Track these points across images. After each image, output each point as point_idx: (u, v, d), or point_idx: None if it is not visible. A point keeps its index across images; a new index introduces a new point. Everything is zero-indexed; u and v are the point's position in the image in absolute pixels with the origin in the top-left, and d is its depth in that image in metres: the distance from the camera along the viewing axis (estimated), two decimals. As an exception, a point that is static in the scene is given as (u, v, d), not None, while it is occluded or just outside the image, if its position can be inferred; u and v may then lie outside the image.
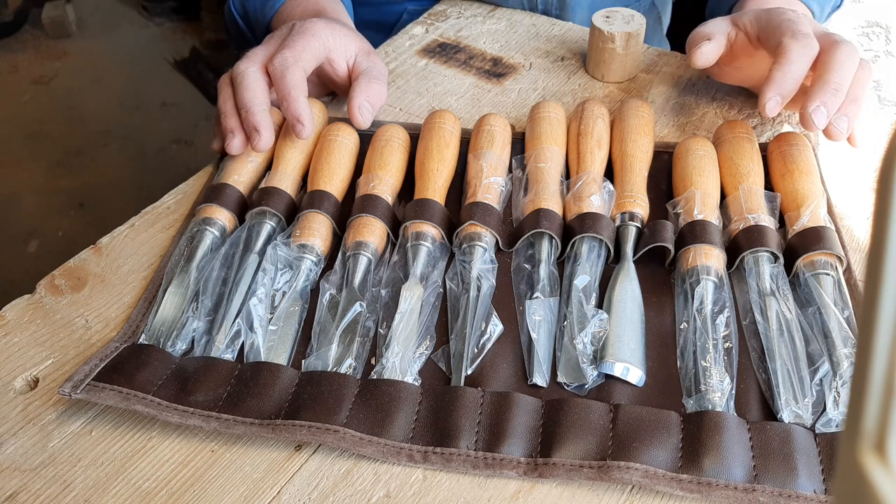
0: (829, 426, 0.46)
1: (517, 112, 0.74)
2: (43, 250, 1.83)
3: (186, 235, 0.59)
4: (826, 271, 0.53)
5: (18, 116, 2.25)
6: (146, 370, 0.48)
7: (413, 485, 0.45)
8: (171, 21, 2.67)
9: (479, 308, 0.53)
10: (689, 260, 0.54)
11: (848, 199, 0.63)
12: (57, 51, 2.54)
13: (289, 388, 0.48)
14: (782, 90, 0.59)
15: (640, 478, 0.43)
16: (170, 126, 2.20)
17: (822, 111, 0.58)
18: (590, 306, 0.52)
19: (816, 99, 0.58)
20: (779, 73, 0.59)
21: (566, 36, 0.86)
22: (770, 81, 0.59)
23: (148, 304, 0.55)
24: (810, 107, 0.58)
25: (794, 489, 0.43)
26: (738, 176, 0.60)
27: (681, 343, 0.51)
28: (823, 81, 0.59)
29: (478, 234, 0.57)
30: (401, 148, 0.64)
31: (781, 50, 0.60)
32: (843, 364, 0.48)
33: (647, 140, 0.64)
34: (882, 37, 0.89)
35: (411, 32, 0.87)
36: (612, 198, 0.59)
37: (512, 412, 0.46)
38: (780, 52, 0.60)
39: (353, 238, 0.56)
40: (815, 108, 0.58)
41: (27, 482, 0.45)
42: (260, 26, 0.83)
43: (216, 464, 0.46)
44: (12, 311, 0.55)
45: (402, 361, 0.50)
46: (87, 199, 1.96)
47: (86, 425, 0.48)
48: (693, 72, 0.79)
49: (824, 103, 0.58)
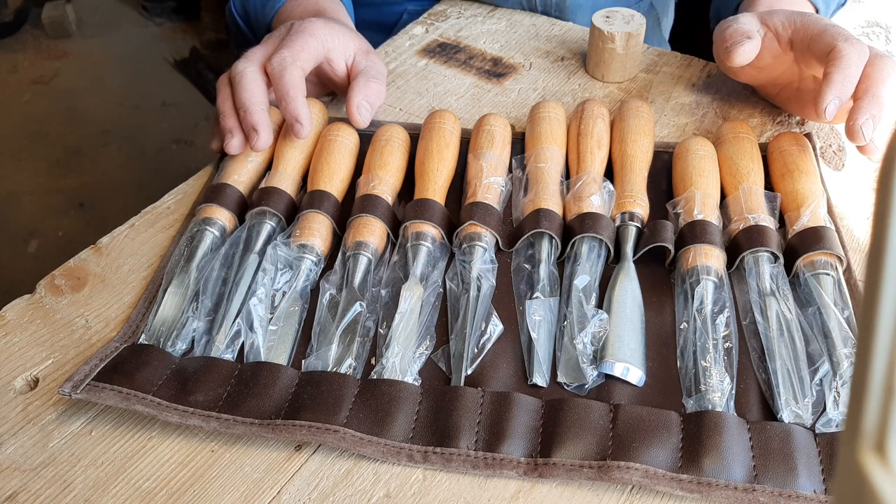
0: (829, 426, 0.46)
1: (517, 112, 0.74)
2: (43, 250, 1.83)
3: (186, 235, 0.59)
4: (826, 271, 0.53)
5: (18, 116, 2.26)
6: (146, 370, 0.48)
7: (413, 485, 0.45)
8: (171, 21, 2.67)
9: (479, 308, 0.53)
10: (689, 260, 0.54)
11: (848, 199, 0.63)
12: (57, 51, 2.54)
13: (289, 388, 0.48)
14: (841, 93, 0.58)
15: (640, 478, 0.43)
16: (170, 126, 2.20)
17: (871, 123, 0.57)
18: (590, 306, 0.52)
19: (866, 112, 0.57)
20: (839, 76, 0.58)
21: (566, 36, 0.86)
22: (829, 84, 0.58)
23: (148, 304, 0.55)
24: (860, 119, 0.57)
25: (794, 489, 0.43)
26: (738, 176, 0.60)
27: (681, 343, 0.51)
28: (873, 94, 0.58)
29: (478, 234, 0.57)
30: (401, 148, 0.64)
31: (837, 54, 0.59)
32: (843, 364, 0.48)
33: (647, 140, 0.64)
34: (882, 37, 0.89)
35: (411, 32, 0.87)
36: (612, 198, 0.59)
37: (512, 412, 0.46)
38: (836, 55, 0.59)
39: (353, 238, 0.56)
40: (865, 121, 0.57)
41: (27, 482, 0.45)
42: (261, 27, 0.83)
43: (216, 464, 0.46)
44: (12, 311, 0.55)
45: (402, 361, 0.50)
46: (87, 199, 1.96)
47: (86, 425, 0.48)
48: (693, 71, 0.79)
49: (873, 116, 0.57)
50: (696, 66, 0.80)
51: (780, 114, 0.72)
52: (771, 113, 0.72)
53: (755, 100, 0.74)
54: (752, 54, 0.64)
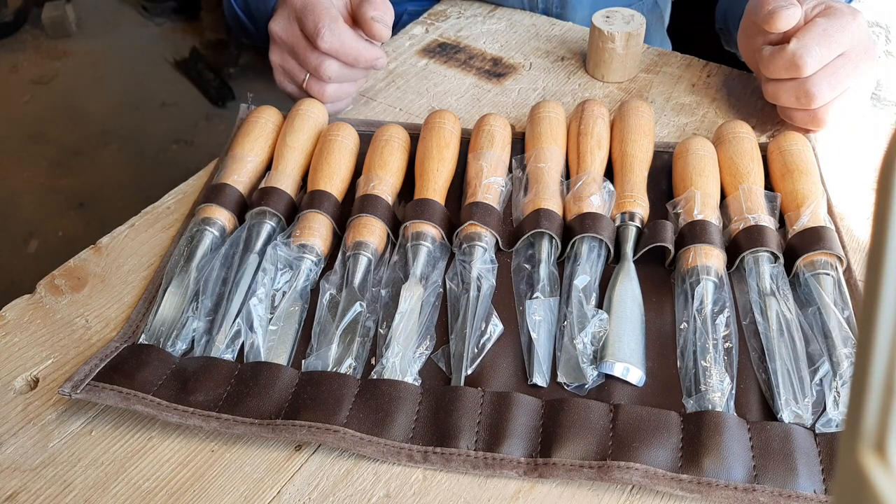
0: (829, 426, 0.46)
1: (517, 112, 0.74)
2: (43, 250, 1.83)
3: (186, 235, 0.59)
4: (826, 271, 0.53)
5: (18, 116, 2.25)
6: (146, 370, 0.48)
7: (413, 485, 0.45)
8: (171, 21, 2.67)
9: (479, 308, 0.53)
10: (689, 260, 0.54)
11: (848, 199, 0.63)
12: (57, 51, 2.54)
13: (289, 388, 0.48)
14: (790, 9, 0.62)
15: (640, 478, 0.43)
16: (170, 126, 2.20)
17: (795, 13, 0.62)
18: (590, 306, 0.52)
19: (805, 32, 0.62)
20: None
21: (566, 36, 0.86)
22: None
23: (148, 304, 0.55)
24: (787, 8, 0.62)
25: (794, 489, 0.43)
26: (738, 176, 0.60)
27: (681, 343, 0.51)
28: (821, 25, 0.62)
29: (478, 234, 0.57)
30: (401, 148, 0.64)
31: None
32: (843, 364, 0.48)
33: (647, 140, 0.64)
34: (882, 37, 0.89)
35: (411, 32, 0.87)
36: (612, 198, 0.59)
37: (512, 412, 0.46)
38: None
39: (353, 238, 0.56)
40: (788, 11, 0.62)
41: (27, 482, 0.45)
42: (262, 18, 0.83)
43: (216, 464, 0.46)
44: (12, 311, 0.55)
45: (402, 361, 0.50)
46: (87, 199, 1.96)
47: (86, 425, 0.48)
48: (693, 71, 0.79)
49: (812, 39, 0.61)
50: (696, 66, 0.80)
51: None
52: (771, 113, 0.72)
53: (755, 100, 0.74)
54: (795, 19, 0.63)
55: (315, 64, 0.67)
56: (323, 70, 0.67)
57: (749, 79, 0.77)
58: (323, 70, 0.67)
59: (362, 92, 0.77)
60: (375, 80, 0.79)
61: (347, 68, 0.68)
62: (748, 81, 0.77)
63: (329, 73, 0.67)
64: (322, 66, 0.67)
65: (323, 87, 0.69)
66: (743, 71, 0.78)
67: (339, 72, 0.68)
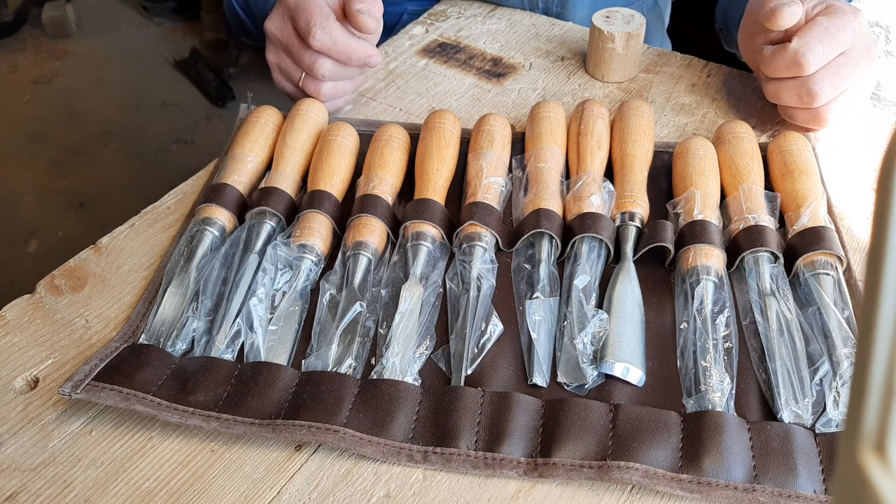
0: (829, 426, 0.46)
1: (517, 112, 0.74)
2: (43, 250, 1.83)
3: (186, 235, 0.59)
4: (826, 271, 0.53)
5: (18, 116, 2.25)
6: (146, 370, 0.48)
7: (413, 485, 0.45)
8: (171, 21, 2.67)
9: (479, 308, 0.53)
10: (689, 260, 0.54)
11: (848, 199, 0.63)
12: (57, 51, 2.54)
13: (289, 388, 0.48)
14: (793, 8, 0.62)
15: (640, 478, 0.43)
16: (170, 126, 2.20)
17: (796, 11, 0.62)
18: (590, 306, 0.52)
19: (807, 30, 0.62)
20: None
21: (566, 36, 0.86)
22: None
23: (148, 304, 0.55)
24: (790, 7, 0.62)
25: (794, 489, 0.43)
26: (738, 176, 0.60)
27: (681, 343, 0.51)
28: (823, 24, 0.62)
29: (478, 234, 0.57)
30: (401, 148, 0.64)
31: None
32: (843, 364, 0.48)
33: (647, 140, 0.64)
34: (882, 37, 0.89)
35: (411, 32, 0.87)
36: (612, 198, 0.59)
37: (512, 412, 0.46)
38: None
39: (353, 238, 0.56)
40: (790, 9, 0.62)
41: (27, 482, 0.45)
42: (262, 16, 0.83)
43: (216, 464, 0.46)
44: (12, 311, 0.55)
45: (402, 361, 0.50)
46: (87, 199, 1.96)
47: (86, 425, 0.48)
48: (694, 71, 0.79)
49: (815, 38, 0.61)
50: (696, 66, 0.80)
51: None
52: (771, 113, 0.72)
53: (755, 100, 0.74)
54: (796, 17, 0.63)
55: (309, 62, 0.67)
56: (317, 68, 0.67)
57: (749, 79, 0.77)
58: (317, 68, 0.67)
59: (362, 92, 0.77)
60: (375, 80, 0.79)
61: (341, 66, 0.68)
62: (748, 81, 0.77)
63: (323, 71, 0.67)
64: (316, 65, 0.67)
65: (319, 86, 0.69)
66: (743, 71, 0.78)
67: (332, 70, 0.68)
